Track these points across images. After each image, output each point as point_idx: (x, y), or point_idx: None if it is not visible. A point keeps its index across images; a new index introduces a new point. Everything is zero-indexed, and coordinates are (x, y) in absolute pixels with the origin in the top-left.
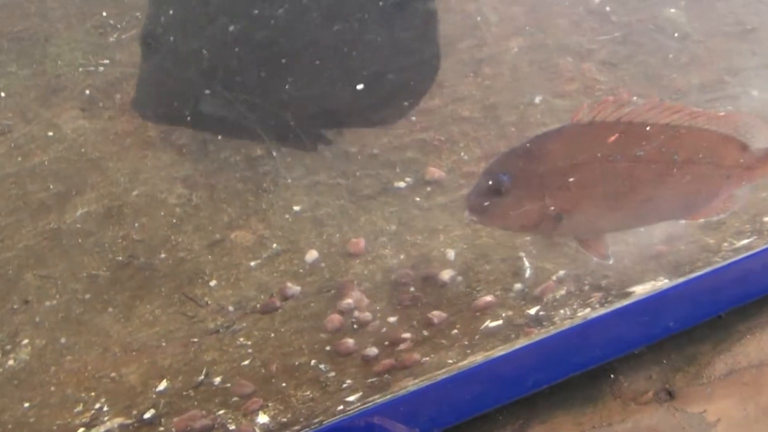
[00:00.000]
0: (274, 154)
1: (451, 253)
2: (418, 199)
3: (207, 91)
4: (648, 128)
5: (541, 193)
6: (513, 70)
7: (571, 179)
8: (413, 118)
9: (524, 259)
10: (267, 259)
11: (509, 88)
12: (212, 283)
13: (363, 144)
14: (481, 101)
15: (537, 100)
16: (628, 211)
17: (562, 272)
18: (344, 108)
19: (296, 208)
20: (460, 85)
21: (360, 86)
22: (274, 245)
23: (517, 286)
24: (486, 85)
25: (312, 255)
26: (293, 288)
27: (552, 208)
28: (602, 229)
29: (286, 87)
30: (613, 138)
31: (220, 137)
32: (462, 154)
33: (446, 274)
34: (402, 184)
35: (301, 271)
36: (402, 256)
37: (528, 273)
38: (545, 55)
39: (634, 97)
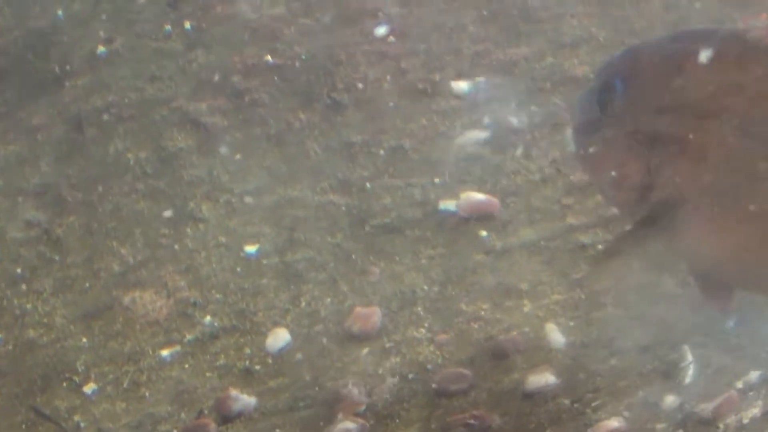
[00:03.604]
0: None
1: (549, 334)
2: (484, 232)
3: None
4: None
5: (647, 142)
6: None
7: (718, 137)
8: (480, 80)
9: (685, 347)
10: (194, 345)
11: None
12: (89, 388)
13: (379, 128)
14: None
15: None
16: None
17: (755, 373)
18: None
19: (250, 248)
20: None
21: None
22: (208, 319)
23: (670, 399)
24: None
25: (279, 337)
26: (242, 399)
27: (659, 183)
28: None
29: None
30: None
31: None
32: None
33: (537, 378)
34: (454, 205)
35: (258, 367)
36: (451, 341)
37: (690, 373)
38: None
39: None
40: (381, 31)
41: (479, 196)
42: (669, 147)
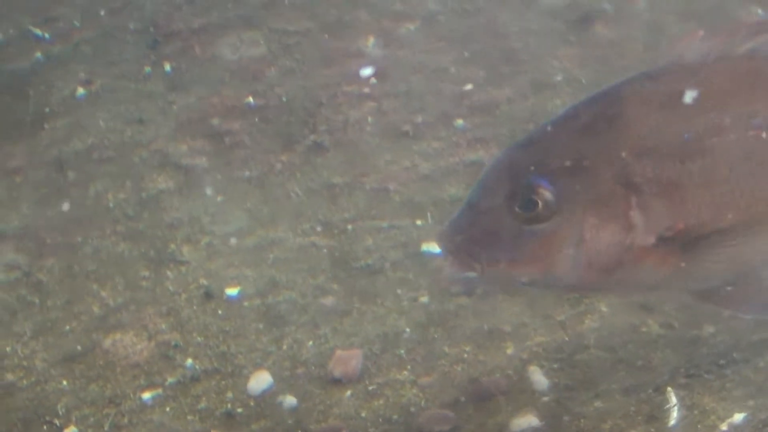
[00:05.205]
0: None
1: (532, 376)
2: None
3: None
4: None
5: (627, 201)
6: None
7: (700, 162)
8: (460, 122)
9: (669, 390)
10: (175, 389)
11: None
12: (69, 431)
13: (362, 170)
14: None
15: None
16: None
17: (739, 416)
18: None
19: (231, 291)
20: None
21: None
22: (189, 361)
23: None
24: None
25: (261, 380)
26: None
27: (652, 227)
28: None
29: None
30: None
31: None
32: None
33: (521, 420)
34: (437, 247)
35: (240, 410)
36: (434, 384)
37: (675, 416)
38: None
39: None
40: (362, 72)
41: None
42: (652, 187)
